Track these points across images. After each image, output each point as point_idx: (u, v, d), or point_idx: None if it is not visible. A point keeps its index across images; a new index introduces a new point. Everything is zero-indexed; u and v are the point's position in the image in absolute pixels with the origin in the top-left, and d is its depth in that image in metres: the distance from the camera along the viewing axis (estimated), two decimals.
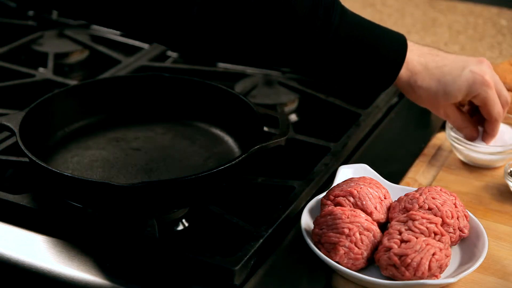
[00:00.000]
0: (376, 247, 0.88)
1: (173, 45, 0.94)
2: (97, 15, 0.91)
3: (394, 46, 0.99)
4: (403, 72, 1.01)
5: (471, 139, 1.09)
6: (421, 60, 1.01)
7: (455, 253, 0.91)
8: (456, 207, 0.92)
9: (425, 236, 0.86)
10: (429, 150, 1.16)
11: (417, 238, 0.86)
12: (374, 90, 1.02)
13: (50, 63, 1.38)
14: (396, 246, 0.85)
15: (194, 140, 1.11)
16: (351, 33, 0.95)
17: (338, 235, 0.87)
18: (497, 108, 1.05)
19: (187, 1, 0.87)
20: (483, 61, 1.04)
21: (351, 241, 0.87)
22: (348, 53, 0.96)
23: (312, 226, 0.92)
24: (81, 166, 1.04)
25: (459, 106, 1.07)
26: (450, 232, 0.90)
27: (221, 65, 1.43)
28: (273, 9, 0.90)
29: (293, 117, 1.28)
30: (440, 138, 1.19)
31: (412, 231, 0.87)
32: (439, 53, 1.04)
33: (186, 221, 0.99)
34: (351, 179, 0.96)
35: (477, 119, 1.09)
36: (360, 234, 0.87)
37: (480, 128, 1.13)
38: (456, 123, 1.08)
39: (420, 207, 0.91)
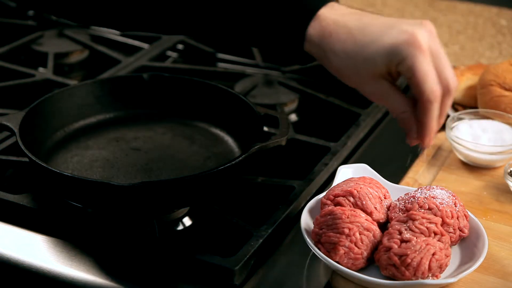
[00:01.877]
0: (376, 247, 0.88)
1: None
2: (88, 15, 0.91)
3: None
4: (314, 33, 0.80)
5: (412, 135, 0.86)
6: (340, 19, 0.80)
7: (455, 253, 0.91)
8: (456, 207, 0.92)
9: (425, 236, 0.86)
10: (429, 150, 1.16)
11: (417, 238, 0.86)
12: (284, 51, 0.83)
13: (50, 63, 1.38)
14: (396, 246, 0.85)
15: (194, 140, 1.11)
16: None
17: (338, 235, 0.87)
18: (431, 83, 0.79)
19: None
20: (424, 23, 0.80)
21: (351, 241, 0.87)
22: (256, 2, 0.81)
23: (312, 226, 0.92)
24: (81, 166, 1.04)
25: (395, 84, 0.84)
26: (450, 232, 0.90)
27: (221, 65, 1.43)
28: None
29: (293, 117, 1.28)
30: (440, 138, 1.19)
31: (412, 231, 0.87)
32: (373, 15, 0.81)
33: (186, 221, 0.99)
34: (351, 179, 0.96)
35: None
36: (360, 234, 0.87)
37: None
38: (390, 105, 0.83)
39: (420, 207, 0.91)
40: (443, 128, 1.19)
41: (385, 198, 0.94)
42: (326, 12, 0.80)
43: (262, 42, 0.84)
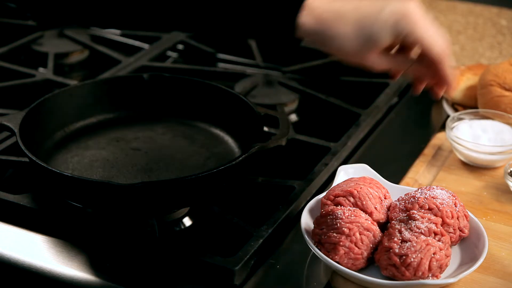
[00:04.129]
0: (376, 247, 0.88)
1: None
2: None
3: None
4: (310, 22, 0.88)
5: (422, 83, 0.96)
6: (332, 6, 0.88)
7: (455, 253, 0.91)
8: (456, 207, 0.92)
9: (425, 236, 0.86)
10: (429, 150, 1.16)
11: (417, 238, 0.86)
12: (278, 39, 0.90)
13: (50, 63, 1.38)
14: (396, 246, 0.85)
15: (194, 140, 1.11)
16: None
17: (338, 235, 0.87)
18: (438, 45, 0.91)
19: None
20: (408, 0, 0.90)
21: (351, 241, 0.87)
22: None
23: (312, 226, 0.92)
24: (81, 166, 1.04)
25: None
26: (450, 232, 0.90)
27: (221, 65, 1.43)
28: None
29: (293, 117, 1.28)
30: (440, 138, 1.18)
31: (412, 231, 0.87)
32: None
33: (186, 221, 0.99)
34: (351, 179, 0.96)
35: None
36: (360, 234, 0.87)
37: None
38: (398, 68, 0.94)
39: (420, 207, 0.91)
40: (443, 128, 1.19)
41: (385, 198, 0.94)
42: (317, 1, 0.87)
43: (252, 34, 0.91)
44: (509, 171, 1.05)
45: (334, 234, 0.87)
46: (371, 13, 0.88)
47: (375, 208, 0.92)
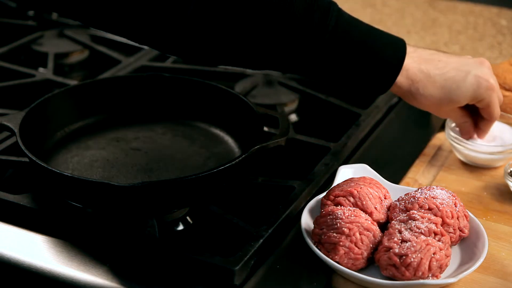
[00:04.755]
0: (376, 247, 0.88)
1: (169, 47, 0.92)
2: (94, 17, 0.91)
3: (392, 49, 0.98)
4: (403, 81, 0.99)
5: (468, 134, 1.09)
6: (422, 68, 1.00)
7: (455, 253, 0.91)
8: (456, 207, 0.92)
9: (425, 236, 0.86)
10: (429, 150, 1.16)
11: (417, 238, 0.86)
12: (372, 93, 1.01)
13: (50, 63, 1.38)
14: (396, 246, 0.85)
15: (194, 140, 1.11)
16: (347, 35, 0.94)
17: (338, 235, 0.87)
18: (498, 109, 1.05)
19: (182, 1, 0.87)
20: (484, 63, 1.03)
21: (351, 241, 0.87)
22: (344, 55, 0.95)
23: (312, 226, 0.92)
24: (81, 166, 1.04)
25: None
26: (450, 232, 0.90)
27: (221, 66, 1.43)
28: (269, 9, 0.89)
29: (293, 117, 1.28)
30: (440, 138, 1.19)
31: (412, 231, 0.87)
32: (441, 58, 1.02)
33: (186, 221, 0.99)
34: (351, 179, 0.96)
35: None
36: (360, 234, 0.87)
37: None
38: (457, 120, 1.08)
39: (420, 207, 0.91)
40: (443, 128, 1.19)
41: (385, 198, 0.94)
42: (410, 62, 0.99)
43: (350, 86, 1.00)
44: (509, 171, 1.05)
45: (334, 234, 0.87)
46: (457, 78, 1.00)
47: (375, 208, 0.92)
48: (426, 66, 1.00)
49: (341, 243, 0.86)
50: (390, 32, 1.00)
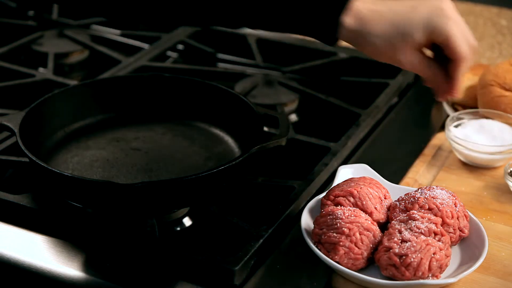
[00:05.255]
0: (376, 247, 0.88)
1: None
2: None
3: None
4: (351, 21, 0.92)
5: (440, 91, 0.97)
6: (372, 7, 0.92)
7: (455, 253, 0.91)
8: (456, 207, 0.92)
9: (425, 236, 0.86)
10: (429, 150, 1.16)
11: (417, 238, 0.86)
12: (320, 38, 0.94)
13: (50, 63, 1.38)
14: (396, 246, 0.85)
15: (194, 140, 1.11)
16: None
17: (338, 235, 0.87)
18: (464, 45, 0.93)
19: None
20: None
21: (351, 241, 0.87)
22: None
23: (312, 226, 0.92)
24: (81, 166, 1.04)
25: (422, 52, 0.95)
26: (450, 232, 0.90)
27: (221, 65, 1.43)
28: None
29: (293, 117, 1.28)
30: (440, 138, 1.18)
31: (412, 231, 0.87)
32: (395, 0, 0.94)
33: (186, 221, 0.99)
34: (351, 179, 0.96)
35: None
36: (360, 234, 0.87)
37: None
38: (423, 71, 0.95)
39: (420, 207, 0.91)
40: (443, 128, 1.19)
41: (385, 198, 0.94)
42: (358, 3, 0.92)
43: (296, 30, 0.93)
44: (509, 171, 1.05)
45: (334, 234, 0.87)
46: (407, 11, 0.92)
47: (375, 208, 0.92)
48: (376, 5, 0.93)
49: (341, 243, 0.86)
50: None
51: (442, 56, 0.94)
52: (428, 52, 0.95)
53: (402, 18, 0.92)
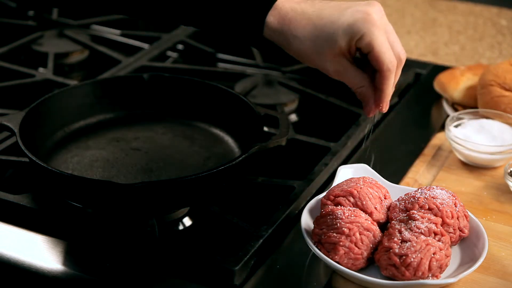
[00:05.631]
0: (376, 247, 0.88)
1: None
2: None
3: None
4: (274, 21, 0.88)
5: (368, 104, 0.93)
6: (296, 7, 0.88)
7: (455, 253, 0.91)
8: (456, 207, 0.92)
9: (425, 236, 0.86)
10: (429, 150, 1.16)
11: (417, 238, 0.86)
12: (245, 39, 0.91)
13: (50, 63, 1.38)
14: (396, 246, 0.85)
15: (194, 140, 1.11)
16: None
17: (338, 235, 0.87)
18: (388, 54, 0.87)
19: None
20: (372, 3, 0.88)
21: (351, 241, 0.87)
22: None
23: (312, 226, 0.92)
24: (81, 166, 1.04)
25: (352, 61, 0.90)
26: (450, 232, 0.90)
27: (221, 65, 1.43)
28: None
29: (293, 117, 1.28)
30: (440, 138, 1.18)
31: (412, 231, 0.87)
32: (323, 1, 0.90)
33: (186, 221, 0.99)
34: (351, 179, 0.96)
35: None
36: (360, 234, 0.87)
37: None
38: (348, 80, 0.90)
39: (420, 207, 0.91)
40: (443, 128, 1.19)
41: (385, 198, 0.94)
42: (284, 2, 0.88)
43: (222, 29, 0.90)
44: (509, 171, 1.05)
45: (334, 234, 0.87)
46: (332, 14, 0.87)
47: (375, 208, 0.92)
48: (301, 5, 0.88)
49: (341, 243, 0.86)
50: None
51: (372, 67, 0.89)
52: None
53: (326, 21, 0.87)
